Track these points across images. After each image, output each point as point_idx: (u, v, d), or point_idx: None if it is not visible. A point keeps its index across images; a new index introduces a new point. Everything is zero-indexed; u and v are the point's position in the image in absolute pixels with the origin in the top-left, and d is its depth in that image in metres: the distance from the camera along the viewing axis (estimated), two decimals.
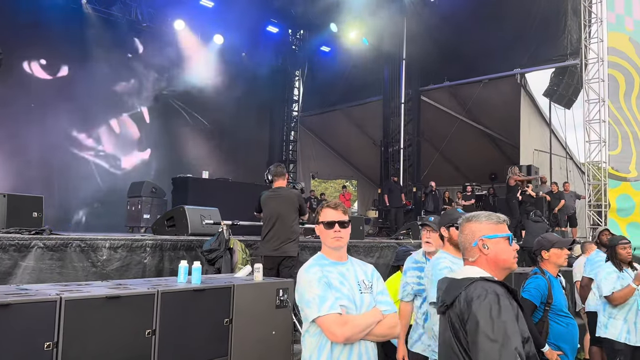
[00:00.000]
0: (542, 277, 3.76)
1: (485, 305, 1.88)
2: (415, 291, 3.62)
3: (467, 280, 2.00)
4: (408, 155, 16.15)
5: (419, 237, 9.51)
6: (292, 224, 5.84)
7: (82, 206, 12.71)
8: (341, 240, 2.61)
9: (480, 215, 2.18)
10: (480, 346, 1.83)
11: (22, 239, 4.66)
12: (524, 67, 14.14)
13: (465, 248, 2.18)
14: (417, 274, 3.64)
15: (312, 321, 2.44)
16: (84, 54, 12.88)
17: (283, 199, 5.85)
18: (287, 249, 5.75)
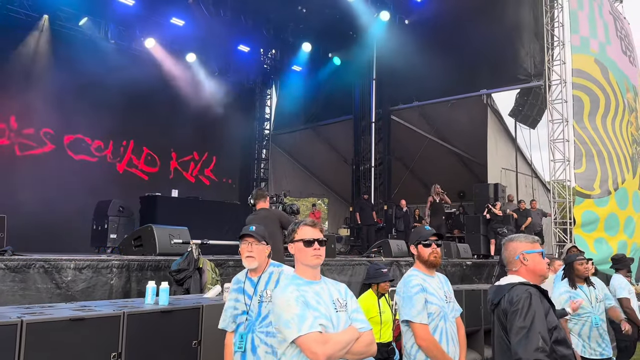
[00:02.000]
0: None
1: (521, 300, 2.56)
2: (236, 317, 3.12)
3: (510, 285, 2.70)
4: (379, 173, 16.29)
5: (390, 254, 9.61)
6: (275, 242, 5.81)
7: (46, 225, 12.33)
8: (320, 258, 2.60)
9: (519, 236, 2.89)
10: (514, 329, 2.52)
11: None
12: (489, 88, 14.51)
13: (509, 261, 2.85)
14: (234, 297, 3.17)
15: (292, 342, 2.40)
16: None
17: (265, 219, 5.87)
18: None
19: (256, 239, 3.15)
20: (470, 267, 10.76)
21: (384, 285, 5.18)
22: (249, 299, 3.08)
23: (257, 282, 3.12)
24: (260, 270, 3.15)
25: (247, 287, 3.13)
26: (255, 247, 3.13)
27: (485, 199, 13.21)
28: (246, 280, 3.17)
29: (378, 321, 4.95)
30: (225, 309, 3.20)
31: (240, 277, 3.25)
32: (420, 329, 3.08)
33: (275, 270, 3.18)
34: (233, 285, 3.25)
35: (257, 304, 3.05)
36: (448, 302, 3.27)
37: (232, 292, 3.21)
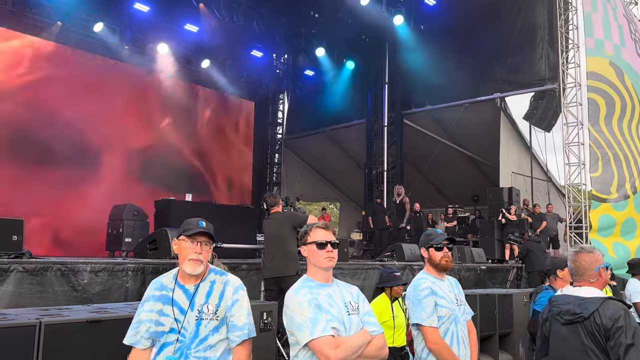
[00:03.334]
0: (553, 292, 3.87)
1: (622, 317, 2.61)
2: (158, 335, 2.47)
3: (598, 299, 2.72)
4: (391, 177, 16.26)
5: (403, 258, 9.59)
6: (287, 244, 6.00)
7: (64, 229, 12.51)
8: (333, 261, 2.62)
9: (595, 248, 2.95)
10: (621, 348, 2.55)
11: (1, 262, 4.58)
12: (503, 91, 14.43)
13: (582, 272, 2.87)
14: (157, 308, 2.50)
15: (305, 345, 2.42)
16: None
17: (277, 221, 6.16)
18: (282, 269, 5.92)
19: (209, 239, 2.59)
20: (484, 271, 10.69)
21: (397, 289, 5.17)
22: (182, 314, 2.45)
23: (194, 292, 2.50)
24: (199, 278, 2.55)
25: (179, 298, 2.49)
26: (205, 248, 2.56)
27: (499, 203, 13.12)
28: (176, 288, 2.52)
29: (391, 325, 4.94)
30: (140, 320, 2.51)
31: (165, 283, 2.57)
32: (431, 332, 3.07)
33: (217, 279, 2.59)
34: (154, 291, 2.55)
35: (194, 322, 2.46)
36: (459, 306, 3.25)
37: (153, 300, 2.52)
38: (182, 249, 2.54)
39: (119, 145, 14.10)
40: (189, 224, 2.59)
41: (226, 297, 2.54)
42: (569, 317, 2.75)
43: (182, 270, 2.54)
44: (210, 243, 2.60)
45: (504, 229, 12.60)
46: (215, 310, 2.50)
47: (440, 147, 15.93)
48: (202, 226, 2.58)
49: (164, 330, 2.47)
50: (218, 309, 2.51)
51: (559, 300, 2.89)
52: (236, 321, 2.54)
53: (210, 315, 2.49)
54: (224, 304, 2.53)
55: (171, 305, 2.48)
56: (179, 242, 2.57)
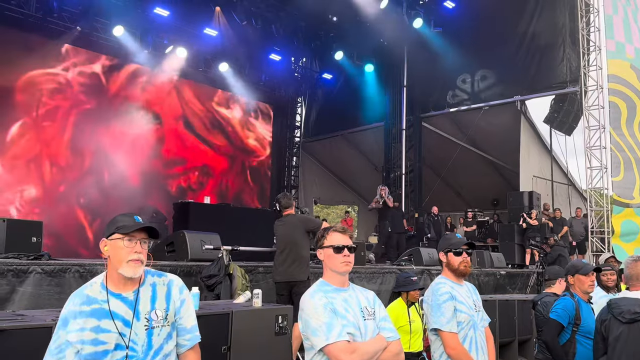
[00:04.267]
0: (571, 299, 3.79)
1: None
2: (89, 357, 2.10)
3: None
4: (410, 180, 16.16)
5: (421, 262, 9.49)
6: (300, 248, 5.90)
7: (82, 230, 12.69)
8: (349, 265, 2.59)
9: None
10: None
11: (20, 264, 4.64)
12: (523, 95, 14.25)
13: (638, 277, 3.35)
14: (90, 324, 2.12)
15: (320, 350, 2.40)
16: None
17: (290, 224, 6.03)
18: (295, 273, 5.80)
19: (147, 235, 2.25)
20: (504, 276, 10.54)
21: (414, 294, 5.12)
22: (126, 326, 2.13)
23: (135, 300, 2.19)
24: (136, 282, 2.23)
25: (118, 309, 2.15)
26: (144, 246, 2.23)
27: (519, 207, 12.94)
28: (111, 298, 2.17)
29: (408, 330, 4.89)
30: (64, 344, 2.11)
31: (92, 295, 2.18)
32: (450, 337, 3.02)
33: (158, 281, 2.30)
34: (79, 306, 2.15)
35: (145, 332, 2.17)
36: (477, 312, 3.21)
37: (81, 317, 2.12)
38: (116, 250, 2.17)
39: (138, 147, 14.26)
40: (122, 220, 2.21)
41: (173, 299, 2.30)
42: (631, 316, 3.01)
43: (117, 276, 2.18)
44: (149, 241, 2.25)
45: (525, 234, 12.42)
46: (165, 316, 2.24)
47: (459, 150, 15.79)
48: (140, 222, 2.22)
49: (107, 348, 2.10)
50: (167, 314, 2.25)
51: (619, 302, 3.14)
52: (185, 323, 2.34)
53: (160, 321, 2.22)
54: (172, 306, 2.29)
55: (111, 319, 2.13)
56: (112, 242, 2.19)
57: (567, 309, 3.78)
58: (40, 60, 12.67)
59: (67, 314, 2.16)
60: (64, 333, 2.13)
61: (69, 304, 2.19)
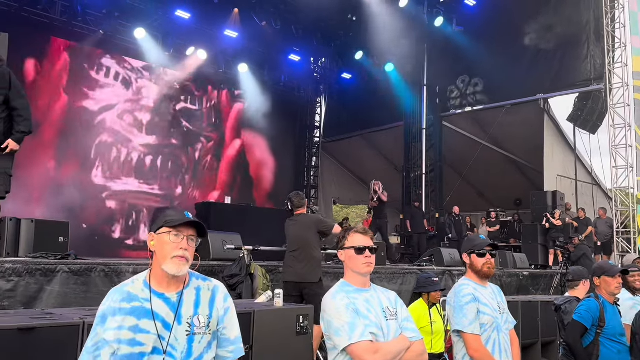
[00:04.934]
0: (596, 300, 3.74)
1: None
2: (124, 358, 1.97)
3: None
4: (430, 180, 16.05)
5: (442, 263, 9.43)
6: (312, 249, 5.80)
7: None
8: (371, 266, 2.59)
9: None
10: None
11: (48, 263, 4.74)
12: (546, 92, 14.04)
13: None
14: (129, 323, 2.01)
15: (342, 350, 2.40)
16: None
17: (302, 224, 5.90)
18: (306, 274, 5.69)
19: (197, 233, 2.13)
20: (527, 277, 10.40)
21: (435, 295, 5.09)
22: (166, 329, 1.99)
23: (178, 302, 2.05)
24: (181, 283, 2.10)
25: (160, 309, 2.02)
26: (191, 244, 2.09)
27: (543, 207, 12.76)
28: (153, 297, 2.04)
29: (429, 331, 4.87)
30: (101, 342, 1.99)
31: (134, 292, 2.06)
32: (473, 339, 3.00)
33: (202, 285, 2.16)
34: (119, 303, 2.03)
35: (185, 338, 2.02)
36: (501, 314, 3.17)
37: (121, 314, 2.00)
38: (162, 245, 2.05)
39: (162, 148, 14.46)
40: (171, 215, 2.10)
41: (217, 306, 2.14)
42: None
43: (161, 273, 2.05)
44: (197, 239, 2.12)
45: (548, 234, 12.24)
46: (207, 323, 2.08)
47: (481, 149, 15.63)
48: (189, 217, 2.10)
49: (144, 350, 1.95)
50: (210, 321, 2.09)
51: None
52: (229, 334, 2.16)
53: (202, 328, 2.05)
54: (216, 314, 2.13)
55: (152, 319, 1.99)
56: (158, 236, 2.07)
57: (590, 311, 3.73)
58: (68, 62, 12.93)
59: (105, 311, 2.03)
60: (102, 330, 2.00)
61: (108, 300, 2.06)
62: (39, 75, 12.46)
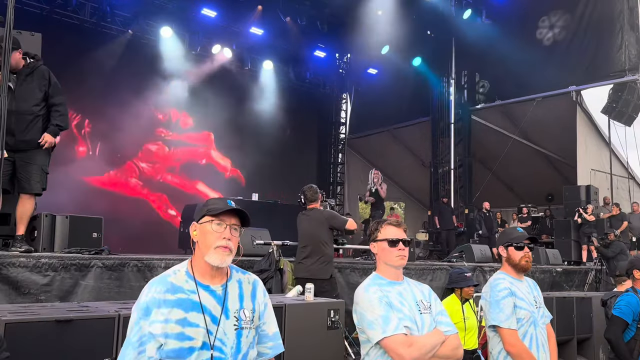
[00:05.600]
0: (635, 295, 3.64)
1: None
2: (172, 353, 1.85)
3: None
4: (459, 176, 15.84)
5: (473, 259, 9.29)
6: (324, 245, 5.68)
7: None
8: (405, 259, 2.56)
9: None
10: None
11: (82, 258, 4.82)
12: (579, 84, 13.69)
13: None
14: (176, 316, 1.89)
15: (376, 343, 2.38)
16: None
17: (314, 220, 5.77)
18: (317, 271, 5.57)
19: (240, 222, 2.02)
20: (560, 273, 10.18)
21: (468, 290, 5.01)
22: (214, 323, 1.90)
23: (224, 294, 1.97)
24: (224, 275, 2.02)
25: (207, 302, 1.93)
26: (235, 234, 1.99)
27: (576, 202, 12.46)
28: (199, 288, 1.94)
29: (462, 327, 4.79)
30: (146, 336, 1.85)
31: (177, 283, 1.95)
32: (509, 334, 2.94)
33: (243, 278, 2.09)
34: (163, 294, 1.91)
35: (234, 332, 1.94)
36: (538, 308, 3.11)
37: (166, 306, 1.88)
38: (205, 234, 1.96)
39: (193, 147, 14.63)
40: (214, 203, 2.02)
41: (258, 301, 2.07)
42: None
43: (204, 264, 1.96)
44: (240, 228, 2.02)
45: (581, 229, 11.96)
46: (252, 317, 2.01)
47: (511, 143, 15.35)
48: (232, 205, 1.99)
49: (193, 345, 1.85)
50: (254, 316, 2.03)
51: None
52: (268, 329, 2.10)
53: (248, 323, 1.98)
54: (258, 309, 2.06)
55: (201, 312, 1.89)
56: (201, 225, 1.98)
57: (631, 305, 3.65)
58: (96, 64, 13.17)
59: (149, 302, 1.89)
60: (146, 324, 1.86)
61: (150, 291, 1.93)
62: (73, 75, 12.72)
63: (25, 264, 4.41)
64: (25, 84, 4.67)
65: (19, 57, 4.66)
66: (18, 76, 4.67)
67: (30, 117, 4.62)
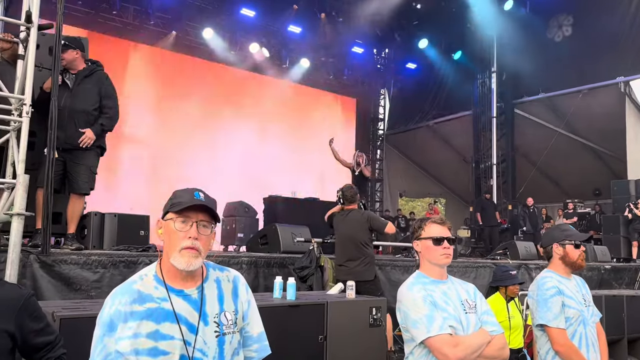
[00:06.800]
0: None
1: None
2: None
3: None
4: (502, 171, 15.51)
5: (517, 256, 9.08)
6: (365, 246, 5.63)
7: None
8: (449, 258, 2.52)
9: None
10: None
11: (130, 255, 4.96)
12: (627, 75, 13.17)
13: None
14: (149, 329, 1.67)
15: (421, 342, 2.36)
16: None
17: (355, 221, 5.70)
18: (361, 273, 5.51)
19: (209, 217, 1.75)
20: (609, 271, 9.83)
21: (513, 289, 4.90)
22: (191, 332, 1.68)
23: (200, 298, 1.74)
24: (198, 277, 1.77)
25: (181, 309, 1.70)
26: (204, 231, 1.73)
27: (625, 197, 11.99)
28: (171, 295, 1.71)
29: (507, 326, 4.69)
30: (114, 355, 1.63)
31: (144, 290, 1.71)
32: (558, 333, 2.86)
33: (221, 276, 1.85)
34: (129, 305, 1.67)
35: (215, 340, 1.72)
36: (587, 306, 3.02)
37: (133, 319, 1.65)
38: (169, 234, 1.71)
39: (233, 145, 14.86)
40: (179, 196, 1.75)
41: (241, 300, 1.84)
42: None
43: (173, 267, 1.70)
44: (212, 224, 1.76)
45: (631, 225, 11.51)
46: (234, 320, 1.79)
47: (556, 137, 14.90)
48: (199, 198, 1.72)
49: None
50: (237, 317, 1.81)
51: None
52: (252, 330, 1.88)
53: (231, 327, 1.76)
54: (241, 308, 1.84)
55: (175, 322, 1.66)
56: (166, 222, 1.73)
57: None
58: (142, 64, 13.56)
59: (113, 316, 1.66)
60: (112, 341, 1.64)
61: (113, 302, 1.69)
62: (117, 77, 13.13)
63: (77, 261, 4.57)
64: (83, 84, 4.83)
65: (76, 56, 4.83)
66: (77, 76, 4.84)
67: (84, 117, 4.77)
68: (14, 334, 2.17)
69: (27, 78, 4.09)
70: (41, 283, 4.32)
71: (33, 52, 4.13)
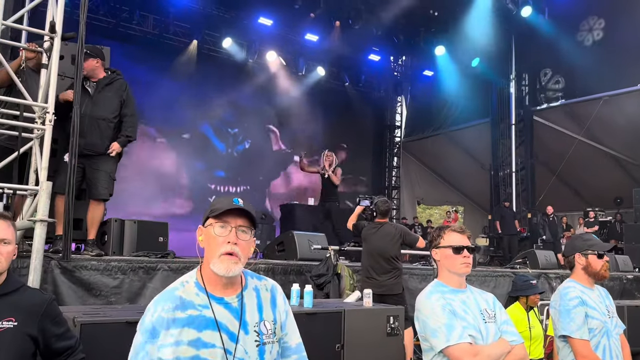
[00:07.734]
0: None
1: None
2: None
3: None
4: (521, 179, 15.34)
5: (537, 265, 8.95)
6: (397, 259, 5.67)
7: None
8: (469, 267, 2.50)
9: None
10: None
11: (149, 261, 5.00)
12: None
13: None
14: (191, 336, 1.67)
15: (440, 352, 2.34)
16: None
17: (387, 234, 5.70)
18: (391, 286, 5.53)
19: (249, 222, 1.75)
20: (631, 281, 9.64)
21: (534, 298, 4.84)
22: (232, 341, 1.67)
23: (240, 306, 1.74)
24: (237, 284, 1.78)
25: (223, 317, 1.70)
26: (244, 237, 1.73)
27: None
28: (212, 302, 1.70)
29: (527, 336, 4.63)
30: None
31: (187, 297, 1.71)
32: (581, 345, 2.82)
33: (260, 285, 1.85)
34: (171, 312, 1.67)
35: (256, 349, 1.71)
36: (610, 318, 2.97)
37: (175, 326, 1.65)
38: (209, 240, 1.72)
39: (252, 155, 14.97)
40: (218, 202, 1.75)
41: (279, 309, 1.84)
42: None
43: (213, 274, 1.71)
44: (251, 230, 1.75)
45: None
46: (274, 329, 1.78)
47: (576, 145, 14.70)
48: (238, 204, 1.72)
49: None
50: (276, 327, 1.80)
51: None
52: (290, 341, 1.86)
53: (270, 336, 1.75)
54: (279, 318, 1.83)
55: (217, 330, 1.66)
56: (206, 229, 1.74)
57: None
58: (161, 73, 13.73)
59: (155, 323, 1.65)
60: (153, 348, 1.63)
61: (155, 309, 1.68)
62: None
63: (97, 267, 4.62)
64: (104, 92, 4.93)
65: (97, 65, 4.94)
66: (97, 84, 4.94)
67: (104, 124, 4.86)
68: (36, 338, 2.21)
69: (50, 87, 4.17)
70: (62, 289, 4.38)
71: (56, 61, 4.22)
